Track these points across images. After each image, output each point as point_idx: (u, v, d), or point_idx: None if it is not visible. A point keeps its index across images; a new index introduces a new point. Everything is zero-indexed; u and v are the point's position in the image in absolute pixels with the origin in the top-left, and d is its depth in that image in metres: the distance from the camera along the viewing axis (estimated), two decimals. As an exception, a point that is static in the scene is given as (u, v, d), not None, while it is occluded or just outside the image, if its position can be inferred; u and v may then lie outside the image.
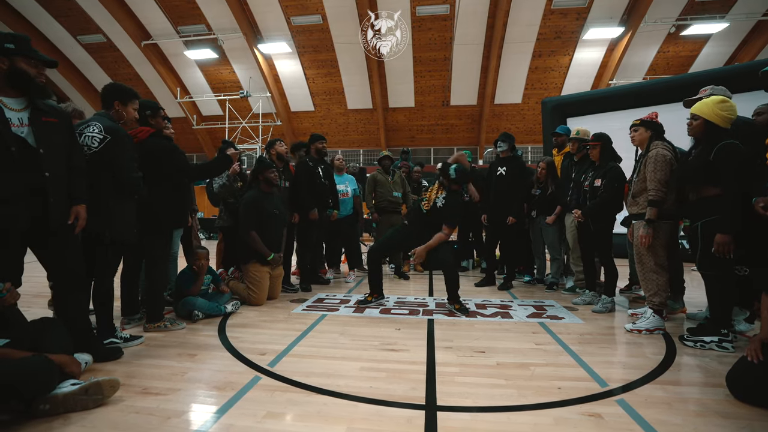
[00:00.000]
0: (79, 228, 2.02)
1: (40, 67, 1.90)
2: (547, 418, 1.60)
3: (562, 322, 2.94)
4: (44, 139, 1.89)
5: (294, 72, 14.87)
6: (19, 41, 1.84)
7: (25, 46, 1.85)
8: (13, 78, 1.83)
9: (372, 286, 3.50)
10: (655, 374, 2.03)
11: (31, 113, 1.88)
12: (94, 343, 2.14)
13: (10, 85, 1.84)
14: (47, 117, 1.93)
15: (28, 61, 1.85)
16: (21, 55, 1.83)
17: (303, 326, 2.85)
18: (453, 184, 3.32)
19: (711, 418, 1.59)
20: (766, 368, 1.67)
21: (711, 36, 12.66)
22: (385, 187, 4.99)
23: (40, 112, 1.91)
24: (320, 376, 1.99)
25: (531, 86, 14.46)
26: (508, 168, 4.23)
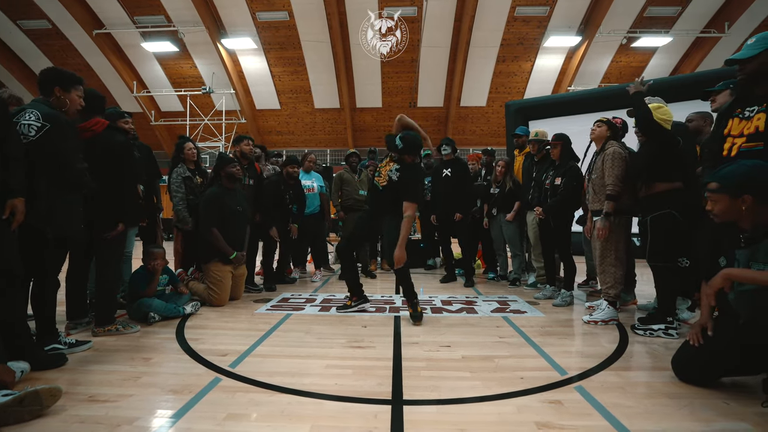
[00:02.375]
0: (17, 223, 1.84)
1: None
2: (510, 407, 1.63)
3: (524, 316, 3.03)
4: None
5: (259, 69, 14.49)
6: None
7: None
8: None
9: (350, 288, 3.15)
10: (609, 361, 2.13)
11: None
12: (31, 350, 1.96)
13: None
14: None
15: None
16: None
17: (267, 326, 2.77)
18: (403, 155, 2.94)
19: (659, 399, 1.69)
20: (704, 352, 1.79)
21: (657, 49, 13.59)
22: (351, 185, 4.95)
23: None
24: (284, 375, 1.93)
25: (495, 90, 14.89)
26: (453, 169, 4.39)
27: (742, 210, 1.63)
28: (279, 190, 4.28)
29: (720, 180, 1.69)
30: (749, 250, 1.66)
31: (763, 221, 1.62)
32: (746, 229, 1.68)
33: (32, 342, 2.04)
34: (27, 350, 1.93)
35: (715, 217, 1.74)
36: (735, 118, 2.00)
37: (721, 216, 1.71)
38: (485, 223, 4.50)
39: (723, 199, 1.68)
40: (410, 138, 2.92)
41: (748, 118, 1.93)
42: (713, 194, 1.72)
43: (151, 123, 15.67)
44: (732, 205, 1.65)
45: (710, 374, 1.81)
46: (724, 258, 1.77)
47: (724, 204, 1.68)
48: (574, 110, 6.73)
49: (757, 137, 1.87)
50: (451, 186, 4.35)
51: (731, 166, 1.70)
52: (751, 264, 1.64)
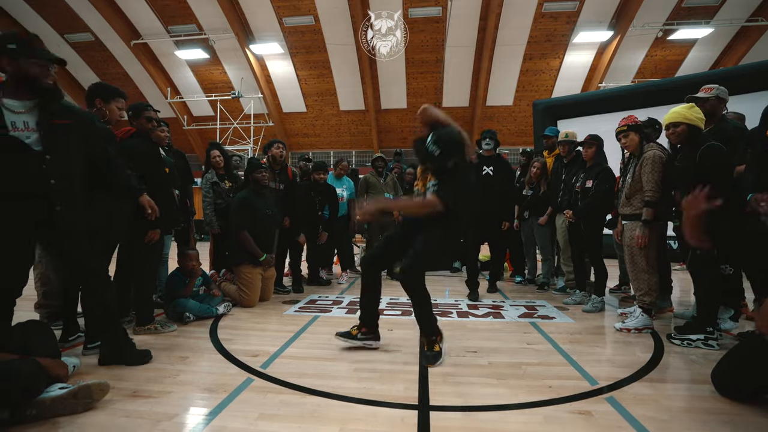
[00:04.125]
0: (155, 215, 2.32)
1: (46, 66, 1.80)
2: (537, 416, 1.62)
3: (553, 322, 2.97)
4: (53, 143, 1.80)
5: (286, 73, 14.81)
6: (21, 41, 1.77)
7: (28, 46, 1.77)
8: (17, 80, 1.76)
9: (363, 314, 2.43)
10: (643, 372, 2.06)
11: (40, 116, 1.79)
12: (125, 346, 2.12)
13: (17, 86, 1.77)
14: (59, 119, 1.85)
15: (32, 61, 1.76)
16: (25, 55, 1.75)
17: (296, 327, 2.84)
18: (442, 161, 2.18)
19: (696, 414, 1.63)
20: (748, 366, 1.70)
21: (697, 41, 12.91)
22: (376, 189, 4.95)
23: (49, 114, 1.82)
24: (313, 377, 1.98)
25: (522, 88, 14.59)
26: (496, 168, 3.96)
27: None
28: (309, 196, 4.38)
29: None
30: None
31: None
32: None
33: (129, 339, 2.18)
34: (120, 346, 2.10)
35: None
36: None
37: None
38: (516, 226, 4.41)
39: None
40: (446, 137, 2.20)
41: None
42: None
43: (184, 128, 16.30)
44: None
45: (754, 389, 1.72)
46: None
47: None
48: (606, 108, 6.50)
49: None
50: (493, 187, 3.87)
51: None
52: None
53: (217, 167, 3.98)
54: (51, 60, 1.84)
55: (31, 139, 1.76)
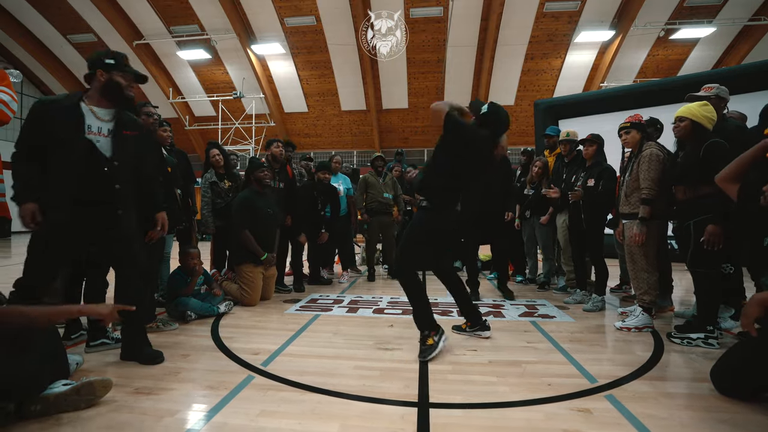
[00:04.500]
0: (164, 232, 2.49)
1: (131, 81, 2.08)
2: (538, 413, 1.62)
3: (553, 321, 2.97)
4: (121, 152, 2.05)
5: (287, 73, 14.86)
6: (118, 58, 2.06)
7: (123, 63, 2.06)
8: (106, 90, 2.02)
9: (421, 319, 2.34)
10: (643, 370, 2.06)
11: (115, 125, 2.05)
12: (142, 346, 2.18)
13: (102, 95, 2.03)
14: (129, 130, 2.10)
15: (123, 76, 2.04)
16: (117, 69, 2.03)
17: (296, 326, 2.86)
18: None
19: (696, 412, 1.63)
20: (748, 364, 1.71)
21: (699, 40, 12.89)
22: (375, 188, 4.85)
23: (123, 125, 2.08)
24: (314, 374, 2.00)
25: (524, 88, 14.59)
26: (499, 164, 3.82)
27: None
28: (312, 195, 4.40)
29: None
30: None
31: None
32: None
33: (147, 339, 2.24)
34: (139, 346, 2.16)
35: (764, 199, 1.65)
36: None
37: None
38: (517, 225, 4.41)
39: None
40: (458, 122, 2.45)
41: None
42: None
43: (186, 128, 16.37)
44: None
45: (753, 388, 1.72)
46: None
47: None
48: (607, 108, 6.48)
49: None
50: (497, 183, 3.82)
51: None
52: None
53: (217, 166, 4.00)
54: (136, 76, 2.12)
55: (100, 143, 2.00)
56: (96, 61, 2.02)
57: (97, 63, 2.01)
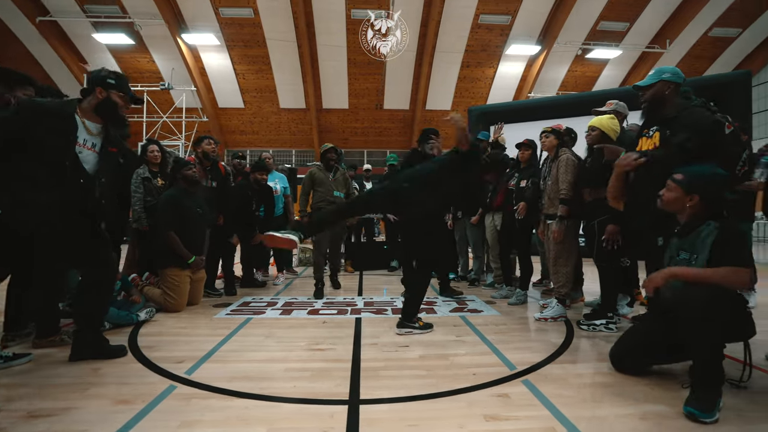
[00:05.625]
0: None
1: (127, 102, 2.17)
2: (462, 402, 1.72)
3: (481, 315, 3.16)
4: (106, 168, 2.17)
5: (222, 66, 14.11)
6: (121, 79, 2.15)
7: (123, 84, 2.15)
8: (102, 107, 2.09)
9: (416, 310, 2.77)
10: (555, 355, 2.28)
11: (103, 142, 2.14)
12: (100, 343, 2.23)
13: (96, 111, 2.10)
14: (112, 147, 2.20)
15: (121, 96, 2.12)
16: (117, 90, 2.11)
17: (226, 331, 2.73)
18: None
19: (595, 388, 1.84)
20: (638, 345, 1.96)
21: (609, 60, 14.48)
22: (324, 185, 4.15)
23: (108, 142, 2.16)
24: (243, 380, 1.93)
25: (460, 94, 15.29)
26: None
27: (685, 206, 1.79)
28: (246, 195, 4.22)
29: (686, 175, 1.80)
30: (679, 240, 1.83)
31: (695, 219, 1.79)
32: (680, 222, 1.85)
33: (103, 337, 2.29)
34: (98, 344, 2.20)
35: (661, 201, 1.86)
36: (643, 137, 2.26)
37: (667, 204, 1.84)
38: (449, 225, 4.61)
39: (677, 191, 1.80)
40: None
41: (650, 137, 2.20)
42: (673, 183, 1.82)
43: (104, 119, 14.81)
44: (680, 199, 1.79)
45: (642, 364, 1.99)
46: (662, 238, 1.94)
47: (675, 195, 1.80)
48: (533, 116, 7.04)
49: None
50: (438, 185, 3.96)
51: (700, 167, 1.81)
52: (679, 252, 1.81)
53: (152, 162, 3.71)
54: (133, 99, 2.21)
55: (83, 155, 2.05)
56: (98, 78, 2.09)
57: (98, 81, 2.08)
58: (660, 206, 1.87)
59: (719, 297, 1.59)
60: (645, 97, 2.25)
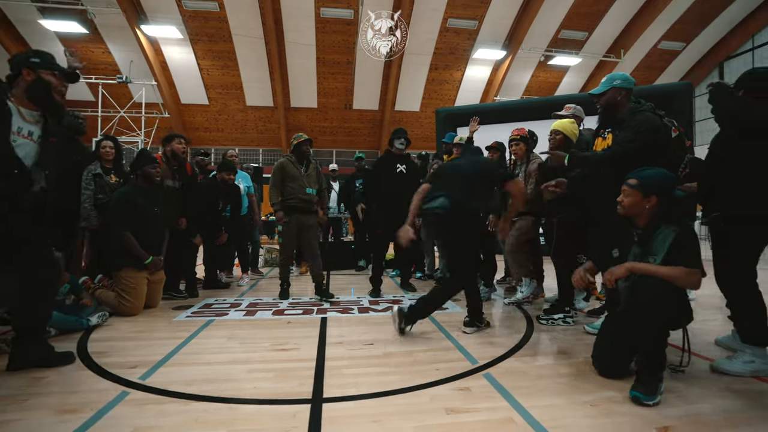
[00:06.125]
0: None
1: (63, 81, 2.03)
2: (424, 396, 1.75)
3: (445, 312, 3.22)
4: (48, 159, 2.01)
5: (185, 61, 13.59)
6: (44, 56, 2.00)
7: (49, 61, 2.00)
8: (34, 90, 1.94)
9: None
10: (516, 349, 2.36)
11: (43, 131, 2.00)
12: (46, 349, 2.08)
13: (29, 97, 1.95)
14: (53, 137, 2.04)
15: (53, 74, 1.98)
16: (45, 68, 1.96)
17: (186, 333, 2.63)
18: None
19: (552, 379, 1.92)
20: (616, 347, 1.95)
21: (569, 67, 15.14)
22: (296, 180, 3.71)
23: (49, 131, 2.02)
24: (202, 383, 1.87)
25: (428, 96, 15.51)
26: (408, 167, 4.04)
27: (645, 208, 1.86)
28: (213, 195, 4.09)
29: (640, 179, 1.88)
30: (643, 246, 1.89)
31: (655, 220, 1.87)
32: (639, 227, 1.91)
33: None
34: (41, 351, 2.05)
35: (621, 208, 1.93)
36: (599, 138, 2.48)
37: (627, 209, 1.91)
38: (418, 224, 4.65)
39: (636, 195, 1.88)
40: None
41: (605, 138, 2.42)
42: (629, 189, 1.90)
43: (54, 113, 13.89)
44: (640, 203, 1.87)
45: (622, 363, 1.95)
46: (617, 250, 2.00)
47: (634, 199, 1.88)
48: (499, 119, 7.27)
49: None
50: (407, 185, 3.85)
51: (650, 170, 1.90)
52: (648, 258, 1.85)
53: (105, 158, 3.51)
54: (64, 73, 2.04)
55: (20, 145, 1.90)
56: (20, 60, 1.95)
57: (22, 62, 1.94)
58: (620, 212, 1.94)
59: (669, 289, 1.70)
60: (600, 103, 2.40)
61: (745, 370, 1.97)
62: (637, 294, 1.74)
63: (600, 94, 2.37)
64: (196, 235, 3.87)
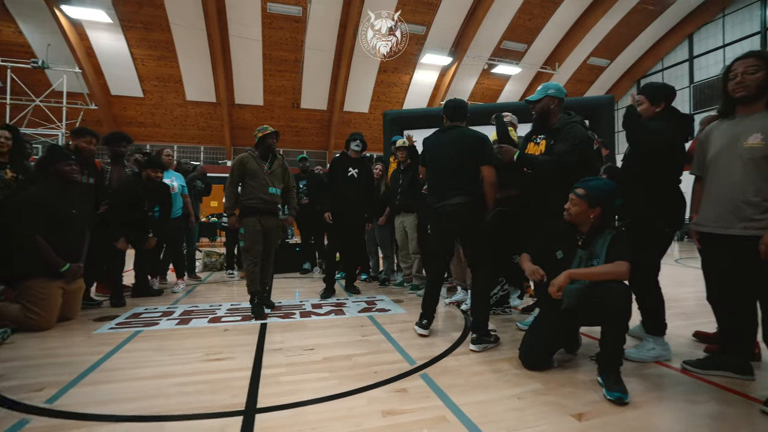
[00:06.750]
0: None
1: None
2: (361, 400, 1.75)
3: (388, 314, 3.25)
4: None
5: (116, 48, 12.50)
6: None
7: None
8: None
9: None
10: (452, 348, 2.44)
11: None
12: None
13: None
14: None
15: None
16: None
17: (107, 347, 2.42)
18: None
19: (484, 375, 2.01)
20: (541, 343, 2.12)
21: (510, 76, 16.01)
22: (258, 178, 3.27)
23: None
24: (122, 401, 1.72)
25: (377, 98, 15.61)
26: (361, 170, 4.03)
27: (590, 217, 2.00)
28: (137, 194, 3.77)
29: (587, 190, 2.00)
30: (587, 250, 2.02)
31: (596, 228, 2.02)
32: (583, 232, 2.05)
33: None
34: None
35: (568, 215, 2.05)
36: (531, 142, 2.63)
37: (574, 217, 2.03)
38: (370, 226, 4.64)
39: (582, 205, 2.00)
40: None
41: (537, 143, 2.58)
42: (577, 198, 2.02)
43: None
44: (585, 212, 2.00)
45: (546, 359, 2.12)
46: (561, 251, 2.10)
47: (581, 208, 2.01)
48: (443, 123, 7.47)
49: None
50: (358, 188, 3.94)
51: (596, 181, 2.04)
52: (593, 260, 1.98)
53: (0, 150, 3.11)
54: None
55: None
56: None
57: None
58: (567, 219, 2.07)
59: (628, 291, 1.86)
60: (535, 110, 2.58)
61: (648, 357, 2.21)
62: (607, 300, 1.84)
63: (535, 101, 2.56)
64: (119, 239, 3.57)
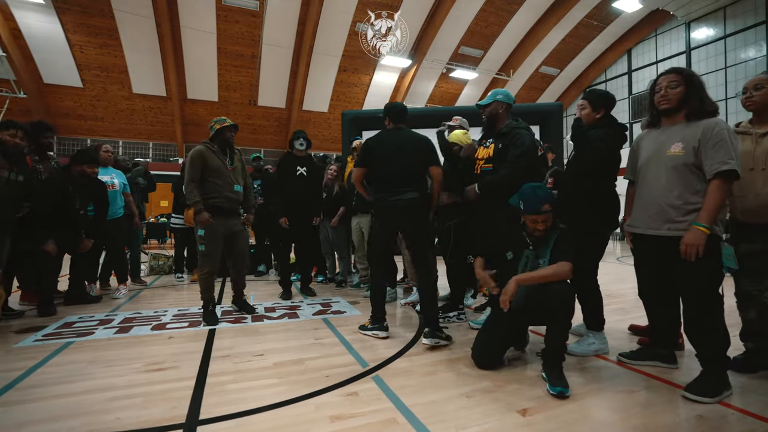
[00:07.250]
0: None
1: None
2: (310, 406, 1.71)
3: (343, 316, 3.22)
4: None
5: (49, 32, 11.45)
6: None
7: None
8: None
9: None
10: (406, 349, 2.45)
11: None
12: None
13: None
14: None
15: None
16: None
17: (30, 362, 2.20)
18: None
19: (435, 375, 2.04)
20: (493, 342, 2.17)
21: (468, 81, 16.48)
22: (221, 175, 3.04)
23: None
24: (44, 422, 1.57)
25: (337, 98, 15.48)
26: (309, 168, 3.97)
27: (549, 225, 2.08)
28: (65, 192, 3.46)
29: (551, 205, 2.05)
30: (535, 251, 2.10)
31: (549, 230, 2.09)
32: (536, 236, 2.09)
33: None
34: None
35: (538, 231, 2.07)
36: (481, 146, 2.73)
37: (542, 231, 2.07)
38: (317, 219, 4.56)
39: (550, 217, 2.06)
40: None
41: (487, 147, 2.68)
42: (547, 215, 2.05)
43: None
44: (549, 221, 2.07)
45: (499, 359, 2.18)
46: (511, 252, 2.16)
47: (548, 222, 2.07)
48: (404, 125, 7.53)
49: (489, 161, 2.65)
50: (308, 187, 3.93)
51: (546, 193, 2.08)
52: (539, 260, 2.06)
53: None
54: None
55: None
56: None
57: None
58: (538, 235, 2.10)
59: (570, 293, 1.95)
60: (484, 113, 2.69)
61: (589, 351, 2.35)
62: (550, 300, 1.93)
63: (485, 105, 2.68)
64: (46, 241, 3.26)
